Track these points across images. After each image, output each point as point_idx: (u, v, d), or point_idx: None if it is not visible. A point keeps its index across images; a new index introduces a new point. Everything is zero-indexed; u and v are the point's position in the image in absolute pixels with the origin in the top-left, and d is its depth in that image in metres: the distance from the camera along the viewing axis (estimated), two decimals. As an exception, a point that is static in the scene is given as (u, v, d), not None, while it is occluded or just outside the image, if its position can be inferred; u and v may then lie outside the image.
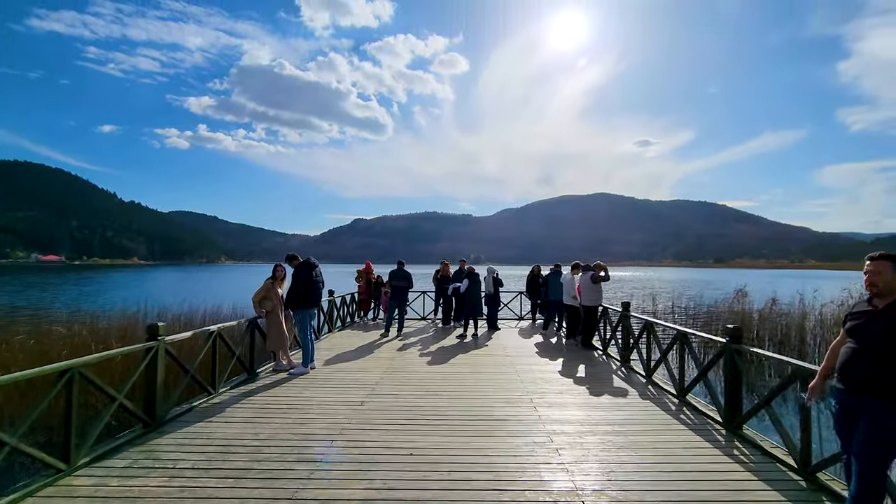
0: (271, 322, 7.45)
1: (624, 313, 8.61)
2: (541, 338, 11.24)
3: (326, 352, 9.20)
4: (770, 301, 14.50)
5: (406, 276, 11.35)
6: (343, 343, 10.29)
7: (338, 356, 8.81)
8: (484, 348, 9.82)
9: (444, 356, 8.90)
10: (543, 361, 8.52)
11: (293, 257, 7.58)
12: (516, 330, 12.64)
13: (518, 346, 10.06)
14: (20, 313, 18.53)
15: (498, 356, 8.98)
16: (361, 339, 10.92)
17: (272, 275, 7.69)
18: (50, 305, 24.99)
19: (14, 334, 9.36)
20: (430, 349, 9.67)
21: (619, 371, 7.80)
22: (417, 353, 9.15)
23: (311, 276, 7.38)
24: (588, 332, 9.73)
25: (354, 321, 13.87)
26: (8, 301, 28.76)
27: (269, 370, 7.56)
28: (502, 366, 8.12)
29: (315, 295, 7.44)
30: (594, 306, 9.58)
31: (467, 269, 11.63)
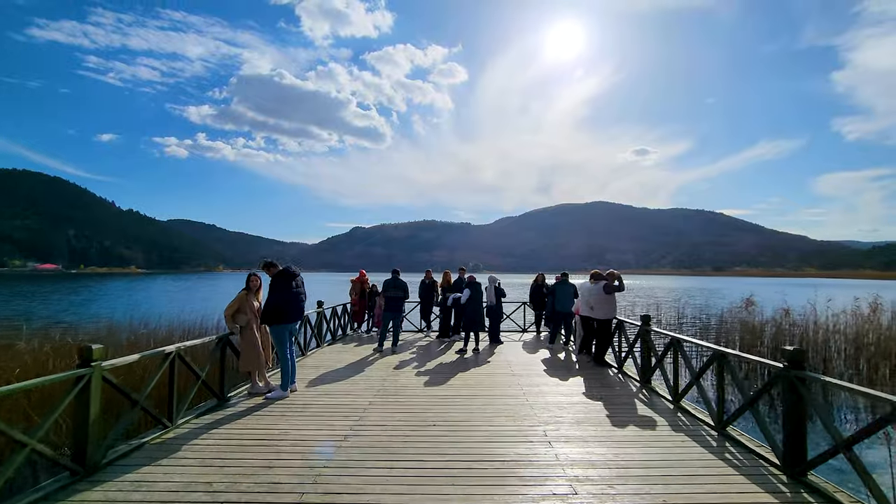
0: (246, 339, 6.55)
1: (644, 328, 7.71)
2: (548, 353, 10.34)
3: (312, 370, 8.30)
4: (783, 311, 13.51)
5: (402, 286, 10.46)
6: (331, 359, 9.38)
7: (324, 375, 7.91)
8: (486, 365, 8.92)
9: (443, 375, 8.00)
10: (554, 382, 7.62)
11: (270, 265, 6.70)
12: (520, 343, 11.73)
13: (524, 363, 9.15)
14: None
15: (502, 375, 8.07)
16: (352, 354, 10.01)
17: (246, 285, 6.81)
18: (30, 315, 24.02)
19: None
20: (428, 366, 8.76)
21: (641, 394, 6.90)
22: (413, 372, 8.24)
23: (291, 287, 6.49)
24: (601, 348, 8.84)
25: (346, 334, 12.96)
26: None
27: (243, 393, 6.65)
28: (508, 387, 7.22)
29: (295, 308, 6.55)
30: (608, 319, 8.70)
31: (468, 278, 10.75)
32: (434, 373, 8.18)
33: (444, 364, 9.00)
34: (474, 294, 10.40)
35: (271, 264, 6.69)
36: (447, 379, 7.68)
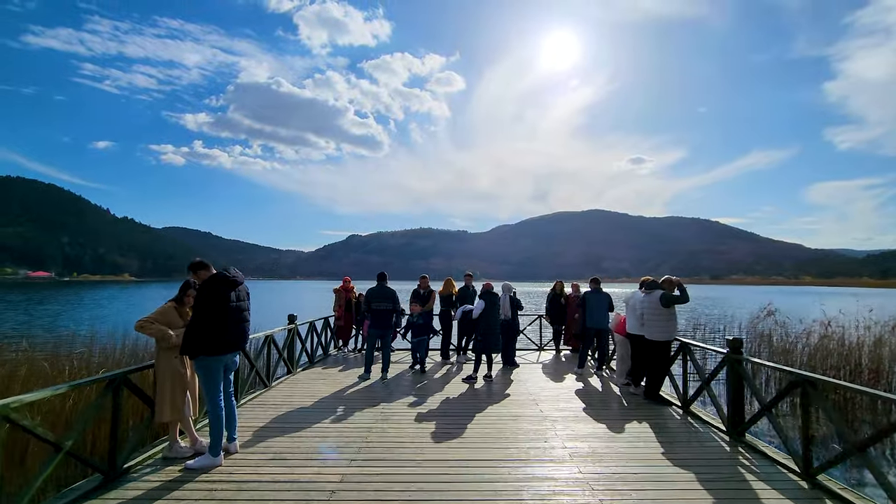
0: (164, 373, 4.42)
1: (733, 356, 5.50)
2: (578, 380, 8.22)
3: (272, 409, 6.15)
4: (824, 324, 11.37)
5: (390, 296, 8.32)
6: (303, 391, 7.23)
7: (287, 418, 5.76)
8: (506, 401, 6.78)
9: (451, 420, 5.84)
10: (602, 429, 5.48)
11: (199, 265, 4.56)
12: (539, 367, 9.60)
13: (553, 397, 7.02)
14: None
15: (531, 418, 5.93)
16: (331, 383, 7.86)
17: (178, 294, 4.70)
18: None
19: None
20: (428, 404, 6.62)
21: (741, 457, 4.75)
22: (409, 414, 6.08)
23: (228, 301, 4.36)
24: (656, 378, 6.73)
25: (328, 354, 10.79)
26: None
27: (153, 460, 4.49)
28: (543, 441, 5.08)
29: (234, 332, 4.41)
30: (666, 341, 6.60)
31: (483, 285, 8.64)
32: (438, 416, 6.03)
33: (451, 400, 6.86)
34: (489, 306, 8.31)
35: (201, 265, 4.55)
36: (457, 429, 5.51)
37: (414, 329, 9.12)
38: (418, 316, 9.06)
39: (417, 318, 9.05)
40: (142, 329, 4.37)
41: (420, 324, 9.06)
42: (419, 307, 9.15)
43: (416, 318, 9.05)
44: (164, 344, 4.42)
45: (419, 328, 9.07)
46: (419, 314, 9.06)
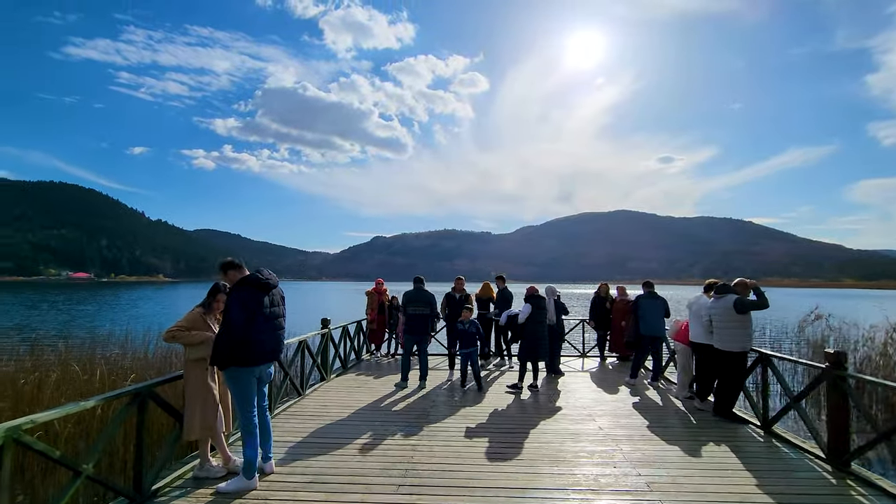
0: (194, 387, 4.02)
1: (835, 372, 4.62)
2: (633, 393, 7.53)
3: (308, 421, 5.72)
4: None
5: (427, 301, 7.80)
6: (338, 400, 6.79)
7: (325, 434, 5.30)
8: (559, 416, 6.17)
9: (503, 435, 5.29)
10: (675, 452, 4.82)
11: (230, 265, 4.10)
12: (585, 376, 8.94)
13: (609, 411, 6.38)
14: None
15: (590, 436, 5.32)
16: (368, 391, 7.41)
17: (205, 300, 4.30)
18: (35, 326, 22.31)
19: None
20: (475, 416, 6.08)
21: (854, 491, 4.02)
22: (457, 429, 5.55)
23: (261, 306, 3.92)
24: (729, 393, 6.01)
25: (361, 359, 10.36)
26: None
27: (183, 481, 4.08)
28: (609, 462, 4.48)
29: (268, 339, 3.97)
30: (740, 352, 5.87)
31: (528, 289, 8.06)
32: (487, 431, 5.47)
33: (499, 413, 6.30)
34: (535, 311, 7.72)
35: (231, 265, 4.11)
36: (511, 448, 4.94)
37: (463, 338, 7.75)
38: (469, 323, 7.75)
39: (469, 325, 7.73)
40: (174, 339, 3.97)
41: (470, 332, 7.69)
42: (469, 313, 7.90)
43: (466, 326, 7.73)
44: (195, 354, 4.02)
45: (469, 337, 7.70)
46: (470, 321, 7.78)
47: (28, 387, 6.96)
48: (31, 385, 6.99)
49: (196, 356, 4.05)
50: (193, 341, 4.00)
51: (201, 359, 4.05)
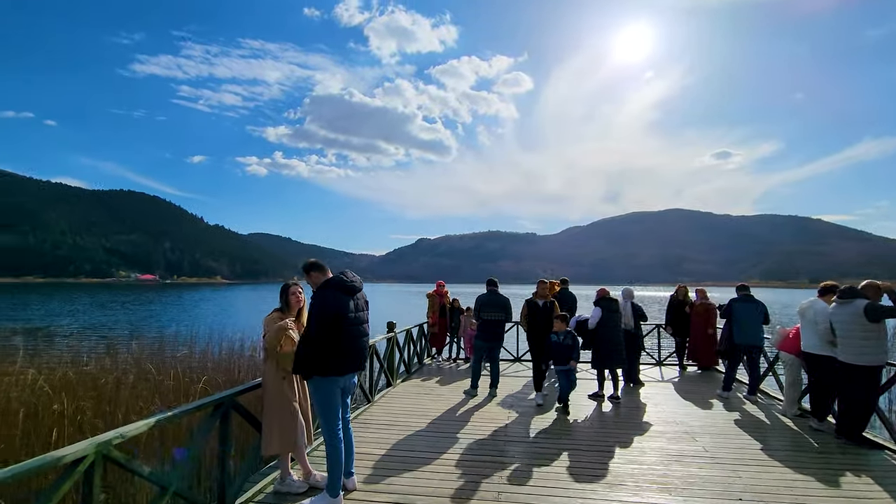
0: (272, 396, 3.78)
1: None
2: (729, 408, 6.77)
3: (381, 430, 5.43)
4: None
5: (503, 305, 7.36)
6: (407, 408, 6.49)
7: (404, 447, 4.97)
8: (653, 432, 5.56)
9: (598, 454, 4.77)
10: (811, 485, 4.12)
11: (314, 266, 3.82)
12: (668, 386, 8.22)
13: (709, 429, 5.69)
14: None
15: (697, 459, 4.69)
16: (437, 399, 7.07)
17: (281, 301, 4.06)
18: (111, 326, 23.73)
19: None
20: (561, 430, 5.59)
21: None
22: (545, 445, 5.09)
23: (347, 310, 3.64)
24: (859, 414, 5.20)
25: (423, 364, 10.06)
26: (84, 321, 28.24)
27: (265, 494, 3.85)
28: (732, 495, 3.87)
29: (353, 347, 3.68)
30: (873, 366, 5.07)
31: (598, 292, 7.48)
32: (579, 448, 4.95)
33: (584, 426, 5.77)
34: (607, 315, 7.14)
35: (314, 266, 3.83)
36: (612, 471, 4.42)
37: (558, 353, 6.56)
38: (565, 335, 6.61)
39: (564, 337, 6.60)
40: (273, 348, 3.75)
41: (566, 345, 6.53)
42: (563, 323, 6.71)
43: (561, 338, 6.59)
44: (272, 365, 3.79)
45: (565, 351, 6.50)
46: (566, 332, 6.66)
47: (108, 386, 7.11)
48: (112, 384, 7.14)
49: (276, 368, 3.81)
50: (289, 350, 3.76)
51: (280, 367, 3.81)
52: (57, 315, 33.95)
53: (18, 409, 5.71)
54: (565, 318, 6.86)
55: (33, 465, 2.12)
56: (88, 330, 23.35)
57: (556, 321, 6.75)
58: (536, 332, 7.10)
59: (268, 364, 3.85)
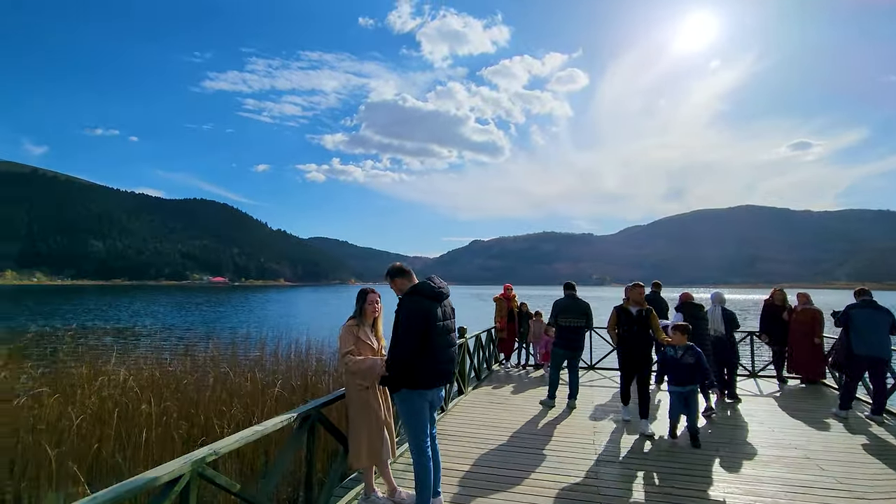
0: (358, 408, 3.60)
1: None
2: (850, 429, 5.91)
3: (461, 443, 5.14)
4: None
5: (583, 311, 6.87)
6: (485, 419, 6.17)
7: (488, 463, 4.65)
8: (764, 457, 4.89)
9: (701, 481, 4.24)
10: None
11: (399, 272, 3.62)
12: (768, 401, 7.37)
13: (832, 454, 4.93)
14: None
15: (832, 494, 4.02)
16: (512, 409, 6.70)
17: (357, 309, 3.86)
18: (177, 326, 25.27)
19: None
20: (658, 450, 5.06)
21: None
22: (645, 467, 4.60)
23: (435, 318, 3.38)
24: None
25: (491, 370, 9.72)
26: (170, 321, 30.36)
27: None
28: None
29: (442, 358, 3.41)
30: None
31: (681, 296, 6.82)
32: (680, 471, 4.43)
33: (680, 446, 5.20)
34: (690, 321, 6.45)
35: (400, 271, 3.62)
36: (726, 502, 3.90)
37: (675, 370, 5.47)
38: (685, 350, 5.47)
39: (683, 352, 5.46)
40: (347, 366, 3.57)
41: (687, 363, 5.41)
42: (683, 335, 5.55)
43: (679, 354, 5.48)
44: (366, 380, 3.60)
45: (687, 371, 5.39)
46: (686, 346, 5.51)
47: (190, 387, 7.35)
48: (193, 386, 7.37)
49: (362, 380, 3.63)
50: (362, 368, 3.57)
51: (363, 378, 3.62)
52: (140, 315, 36.71)
53: (113, 408, 5.95)
54: (686, 329, 5.64)
55: (133, 486, 2.01)
56: (167, 330, 24.95)
57: (675, 333, 5.67)
58: (629, 345, 6.02)
59: (350, 374, 3.67)
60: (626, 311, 6.13)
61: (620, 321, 6.14)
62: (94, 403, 6.15)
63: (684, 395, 5.40)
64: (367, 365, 3.58)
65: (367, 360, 3.60)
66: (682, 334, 5.60)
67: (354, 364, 3.57)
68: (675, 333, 5.63)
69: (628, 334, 6.02)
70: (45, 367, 8.78)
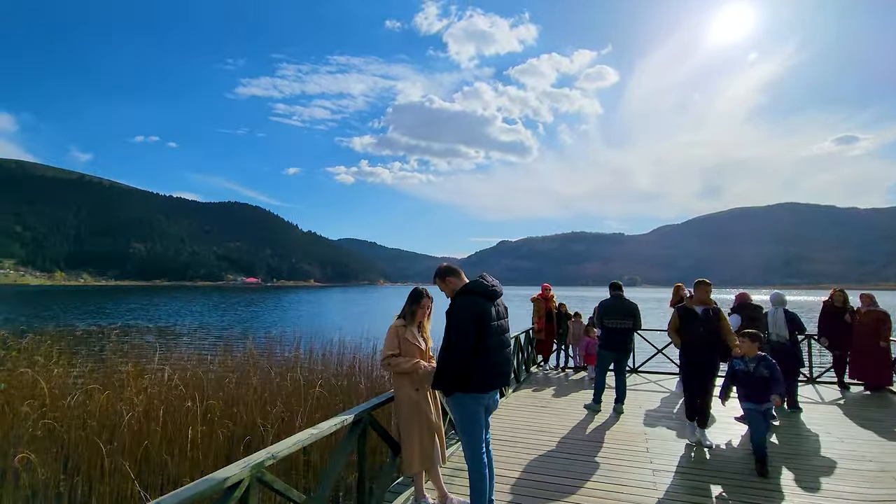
0: (409, 412, 3.48)
1: None
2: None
3: (508, 448, 4.97)
4: None
5: (631, 312, 6.58)
6: (530, 423, 5.97)
7: (538, 470, 4.46)
8: (843, 472, 4.50)
9: (774, 496, 3.94)
10: None
11: (448, 271, 3.49)
12: (830, 409, 6.89)
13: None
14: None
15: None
16: (556, 414, 6.47)
17: (405, 309, 3.75)
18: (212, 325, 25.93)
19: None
20: (719, 462, 4.74)
21: None
22: (704, 479, 4.32)
23: (490, 318, 3.22)
24: None
25: (530, 372, 9.49)
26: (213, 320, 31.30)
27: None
28: None
29: (498, 360, 3.25)
30: None
31: (738, 296, 6.45)
32: (749, 487, 4.12)
33: (737, 456, 4.87)
34: (747, 324, 6.09)
35: (449, 270, 3.49)
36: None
37: (746, 384, 4.74)
38: (757, 361, 4.72)
39: (755, 364, 4.71)
40: (390, 367, 3.49)
41: (761, 376, 4.64)
42: (753, 344, 4.76)
43: (751, 367, 4.72)
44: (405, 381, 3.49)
45: (760, 385, 4.64)
46: (758, 357, 4.74)
47: (231, 385, 7.41)
48: (234, 384, 7.43)
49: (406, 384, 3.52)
50: (405, 369, 3.47)
51: (412, 380, 3.51)
52: (180, 315, 37.94)
53: (160, 406, 6.04)
54: (757, 337, 4.84)
55: (195, 491, 1.93)
56: (205, 329, 25.66)
57: (743, 341, 4.84)
58: (694, 351, 5.31)
59: (400, 377, 3.56)
60: (690, 312, 5.41)
61: (684, 323, 5.43)
62: (142, 401, 6.26)
63: (762, 413, 4.65)
64: (410, 366, 3.47)
65: (410, 362, 3.49)
66: (753, 342, 4.80)
67: (398, 366, 3.47)
68: (745, 341, 4.84)
69: (694, 338, 5.31)
70: (93, 364, 9.07)
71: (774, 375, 4.64)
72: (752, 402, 4.69)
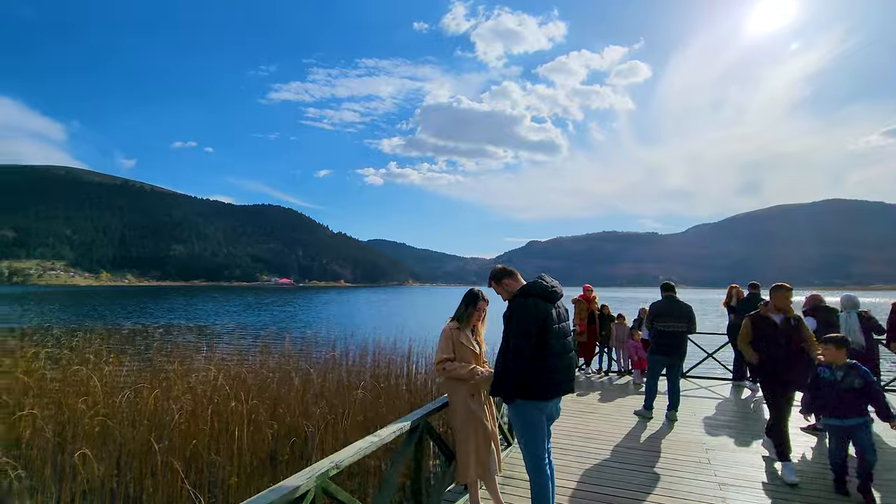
0: (464, 419, 3.34)
1: None
2: None
3: (561, 457, 4.75)
4: None
5: (685, 314, 6.25)
6: (579, 431, 5.73)
7: (596, 482, 4.24)
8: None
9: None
10: None
11: (504, 273, 3.33)
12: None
13: None
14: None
15: None
16: (605, 420, 6.22)
17: (460, 311, 3.61)
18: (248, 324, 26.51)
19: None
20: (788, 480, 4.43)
21: None
22: (777, 495, 4.01)
23: (550, 321, 3.04)
24: None
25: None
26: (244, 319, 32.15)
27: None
28: None
29: (560, 365, 3.07)
30: None
31: (810, 298, 6.03)
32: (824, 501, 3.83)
33: (810, 470, 4.52)
34: (822, 328, 5.68)
35: (505, 272, 3.34)
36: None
37: (836, 399, 4.03)
38: (846, 370, 4.06)
39: (843, 373, 4.05)
40: (444, 373, 3.37)
41: (852, 388, 3.98)
42: (839, 350, 4.12)
43: (838, 376, 4.06)
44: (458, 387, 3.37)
45: (849, 398, 4.00)
46: (847, 365, 4.09)
47: (273, 386, 7.46)
48: (276, 385, 7.47)
49: (461, 390, 3.39)
50: (461, 375, 3.34)
51: (469, 385, 3.37)
52: (217, 314, 39.06)
53: (207, 406, 6.10)
54: (843, 343, 4.22)
55: (266, 501, 1.84)
56: (242, 329, 26.29)
57: (828, 348, 4.19)
58: (774, 364, 4.58)
59: (454, 382, 3.43)
60: (767, 321, 4.68)
61: (760, 334, 4.70)
62: (190, 400, 6.34)
63: (846, 431, 4.02)
64: (468, 373, 3.34)
65: (467, 368, 3.36)
66: (839, 349, 4.14)
67: (454, 371, 3.35)
68: (829, 348, 4.18)
69: (775, 351, 4.57)
70: (140, 363, 9.32)
71: (873, 388, 3.98)
72: (835, 418, 4.06)
